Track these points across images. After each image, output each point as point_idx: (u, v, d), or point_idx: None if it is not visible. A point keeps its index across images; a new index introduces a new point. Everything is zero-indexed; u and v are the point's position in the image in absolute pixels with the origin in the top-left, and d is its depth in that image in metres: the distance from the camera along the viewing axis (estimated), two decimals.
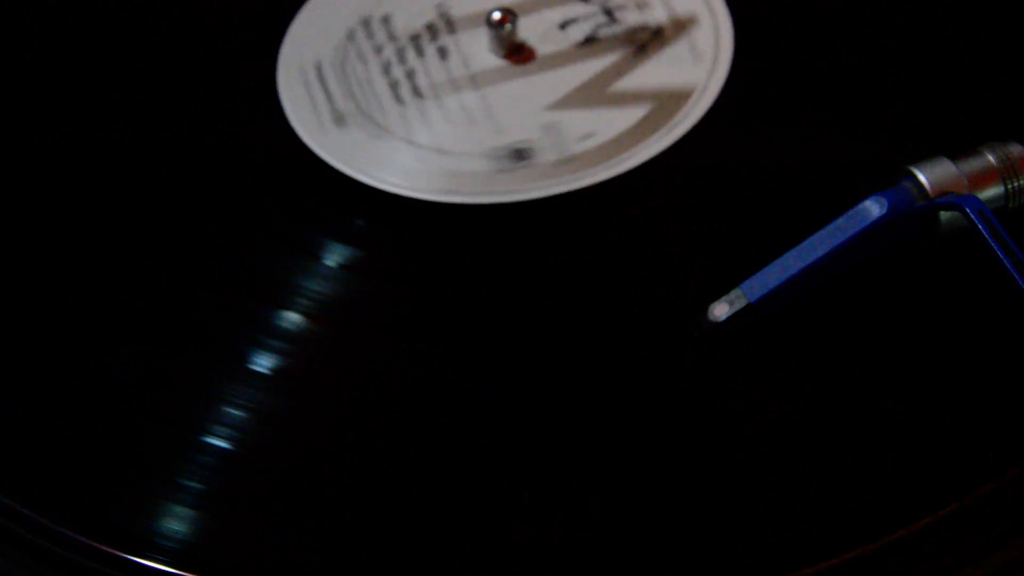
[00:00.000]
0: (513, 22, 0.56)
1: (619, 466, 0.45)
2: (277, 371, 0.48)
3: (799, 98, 0.54)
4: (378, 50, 0.58)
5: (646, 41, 0.56)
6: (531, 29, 0.57)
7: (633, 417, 0.46)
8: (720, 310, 0.47)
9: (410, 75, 0.57)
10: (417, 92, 0.56)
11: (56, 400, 0.49)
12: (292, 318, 0.50)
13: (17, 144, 0.57)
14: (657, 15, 0.57)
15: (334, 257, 0.51)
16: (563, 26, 0.57)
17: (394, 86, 0.57)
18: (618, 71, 0.56)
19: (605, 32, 0.57)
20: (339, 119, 0.56)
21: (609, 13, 0.57)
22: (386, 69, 0.57)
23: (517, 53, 0.57)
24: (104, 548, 0.45)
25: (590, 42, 0.57)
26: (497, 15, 0.56)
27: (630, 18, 0.57)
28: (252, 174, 0.55)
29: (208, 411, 0.48)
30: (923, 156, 0.48)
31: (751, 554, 0.42)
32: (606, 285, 0.49)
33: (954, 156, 0.48)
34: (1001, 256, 0.45)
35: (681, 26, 0.56)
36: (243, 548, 0.45)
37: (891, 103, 0.53)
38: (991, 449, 0.43)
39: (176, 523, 0.45)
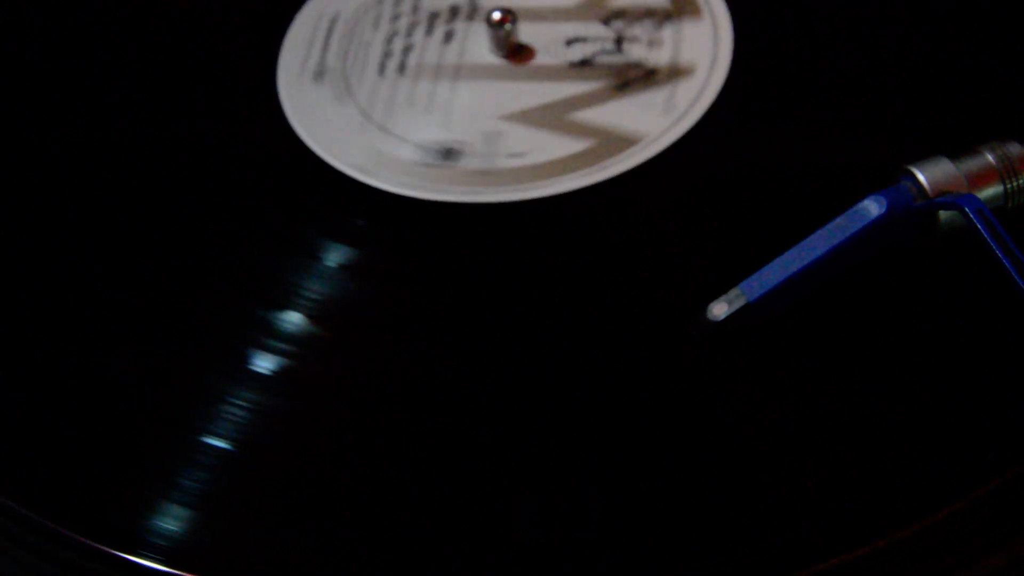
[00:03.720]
0: (513, 22, 0.57)
1: (619, 466, 0.45)
2: (276, 371, 0.48)
3: (798, 98, 0.54)
4: (395, 18, 0.58)
5: (632, 79, 0.55)
6: (538, 36, 0.57)
7: (632, 417, 0.46)
8: (719, 309, 0.47)
9: (406, 51, 0.57)
10: (401, 69, 0.57)
11: (56, 400, 0.49)
12: (291, 318, 0.50)
13: (17, 144, 0.57)
14: (660, 57, 0.56)
15: (334, 257, 0.51)
16: (569, 42, 0.57)
17: (385, 57, 0.57)
18: (588, 100, 0.55)
19: (602, 59, 0.56)
20: (319, 74, 0.57)
21: (619, 42, 0.57)
22: (389, 39, 0.58)
23: (517, 54, 0.57)
24: (103, 548, 0.45)
25: (584, 64, 0.56)
26: (497, 15, 0.56)
27: (634, 53, 0.56)
28: (252, 174, 0.55)
29: (208, 411, 0.48)
30: (922, 156, 0.48)
31: (751, 554, 0.42)
32: (606, 285, 0.49)
33: (953, 156, 0.48)
34: (1000, 256, 0.46)
35: (675, 74, 0.55)
36: (241, 548, 0.45)
37: (890, 103, 0.53)
38: (991, 449, 0.44)
39: (174, 523, 0.45)
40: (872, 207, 0.47)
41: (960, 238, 0.47)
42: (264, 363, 0.49)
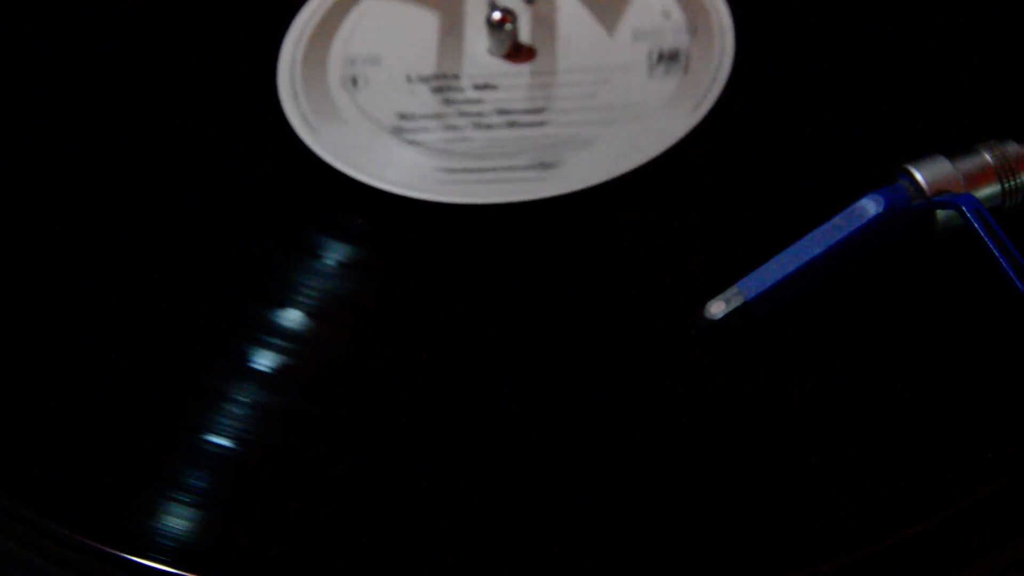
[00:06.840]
0: (513, 23, 0.57)
1: (617, 465, 0.45)
2: (277, 370, 0.48)
3: (797, 97, 0.54)
4: None
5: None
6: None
7: (630, 416, 0.46)
8: (717, 308, 0.47)
9: None
10: None
11: (56, 400, 0.49)
12: (292, 317, 0.50)
13: (18, 144, 0.57)
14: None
15: (334, 256, 0.51)
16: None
17: None
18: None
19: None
20: None
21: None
22: None
23: (516, 53, 0.57)
24: (104, 548, 0.45)
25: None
26: (497, 15, 0.57)
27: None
28: (252, 174, 0.55)
29: (208, 410, 0.48)
30: (920, 155, 0.48)
31: (751, 554, 0.42)
32: (605, 284, 0.49)
33: (951, 155, 0.48)
34: (998, 255, 0.46)
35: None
36: (243, 548, 0.45)
37: (889, 102, 0.53)
38: (990, 449, 0.44)
39: (176, 523, 0.45)
40: (870, 206, 0.48)
41: (958, 237, 0.47)
42: (265, 362, 0.49)
